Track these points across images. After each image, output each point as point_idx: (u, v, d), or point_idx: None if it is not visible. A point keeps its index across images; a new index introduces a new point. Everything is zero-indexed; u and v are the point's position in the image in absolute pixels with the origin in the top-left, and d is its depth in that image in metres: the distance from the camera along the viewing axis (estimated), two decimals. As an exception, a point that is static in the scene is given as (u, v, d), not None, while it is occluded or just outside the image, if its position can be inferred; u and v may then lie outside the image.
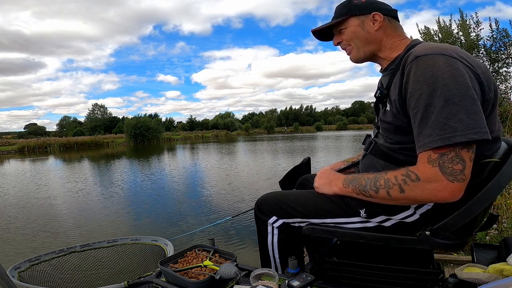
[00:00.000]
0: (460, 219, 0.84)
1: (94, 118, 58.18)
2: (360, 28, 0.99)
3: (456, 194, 0.75)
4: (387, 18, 0.99)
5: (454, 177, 0.73)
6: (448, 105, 0.72)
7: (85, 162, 15.51)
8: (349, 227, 1.02)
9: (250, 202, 5.02)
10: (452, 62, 0.75)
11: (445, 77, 0.73)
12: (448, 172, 0.73)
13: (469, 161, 0.73)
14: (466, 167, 0.73)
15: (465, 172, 0.73)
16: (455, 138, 0.71)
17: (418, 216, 0.91)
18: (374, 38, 0.99)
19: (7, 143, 30.36)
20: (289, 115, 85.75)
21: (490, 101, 0.80)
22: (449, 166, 0.73)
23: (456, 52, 0.78)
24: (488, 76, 0.80)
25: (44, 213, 5.11)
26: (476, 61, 0.80)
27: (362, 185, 0.90)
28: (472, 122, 0.71)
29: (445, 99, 0.72)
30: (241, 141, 31.31)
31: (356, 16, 0.99)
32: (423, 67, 0.77)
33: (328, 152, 13.89)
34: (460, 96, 0.72)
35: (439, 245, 0.91)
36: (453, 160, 0.73)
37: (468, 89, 0.73)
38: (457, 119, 0.71)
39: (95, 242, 1.57)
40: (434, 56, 0.76)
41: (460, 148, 0.73)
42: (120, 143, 34.68)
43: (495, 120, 0.84)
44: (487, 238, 1.99)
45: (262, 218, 1.15)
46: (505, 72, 6.67)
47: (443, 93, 0.73)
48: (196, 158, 14.49)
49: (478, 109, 0.73)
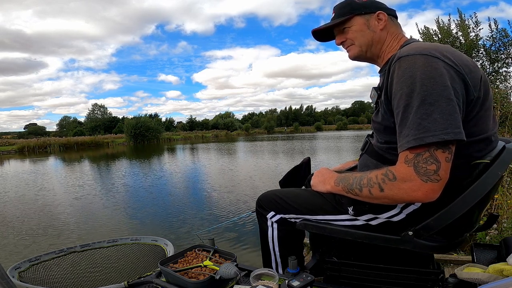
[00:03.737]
0: (442, 220, 0.84)
1: (94, 118, 58.08)
2: (366, 27, 0.99)
3: (430, 195, 0.74)
4: (390, 17, 1.00)
5: (428, 177, 0.73)
6: (423, 105, 0.72)
7: (85, 162, 15.51)
8: (338, 224, 1.05)
9: (251, 202, 5.02)
10: (431, 62, 0.75)
11: (423, 77, 0.74)
12: (422, 172, 0.73)
13: (445, 162, 0.73)
14: (440, 168, 0.72)
15: (439, 173, 0.72)
16: (427, 138, 0.71)
17: (404, 215, 0.92)
18: (378, 37, 0.99)
19: (7, 143, 30.35)
20: (289, 115, 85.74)
21: (478, 101, 0.79)
22: (423, 166, 0.73)
23: (440, 51, 0.78)
24: (475, 76, 0.80)
25: (44, 213, 5.11)
26: (463, 60, 0.80)
27: (350, 183, 0.91)
28: (445, 122, 0.71)
29: (421, 99, 0.73)
30: (241, 141, 31.31)
31: (361, 15, 0.99)
32: (404, 68, 0.78)
33: (328, 152, 13.89)
34: (436, 96, 0.72)
35: (422, 246, 0.90)
36: (427, 160, 0.73)
37: (445, 89, 0.72)
38: (431, 119, 0.72)
39: (95, 242, 1.57)
40: (415, 57, 0.77)
41: (435, 148, 0.72)
42: (120, 143, 34.67)
43: (486, 120, 0.83)
44: (487, 238, 1.99)
45: (262, 213, 1.21)
46: (505, 72, 6.67)
47: (420, 93, 0.73)
48: (196, 158, 14.49)
49: (454, 109, 0.72)
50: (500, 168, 0.81)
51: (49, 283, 1.35)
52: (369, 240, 0.99)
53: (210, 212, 4.76)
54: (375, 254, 1.13)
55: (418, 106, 0.73)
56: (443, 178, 0.73)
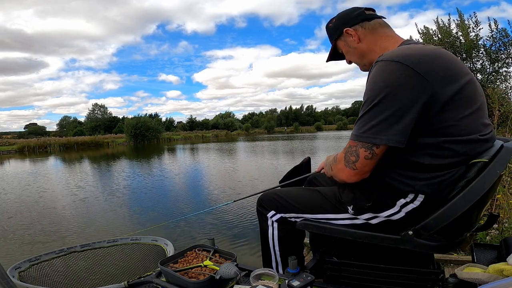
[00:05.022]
0: (441, 220, 0.85)
1: (94, 118, 58.04)
2: (348, 47, 1.07)
3: (350, 178, 0.90)
4: (360, 26, 1.02)
5: (348, 164, 0.89)
6: (371, 110, 0.83)
7: (85, 162, 15.51)
8: (338, 224, 1.06)
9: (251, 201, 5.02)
10: (396, 70, 0.80)
11: (381, 85, 0.82)
12: (346, 159, 0.89)
13: (363, 159, 0.85)
14: (358, 161, 0.86)
15: (356, 164, 0.87)
16: (359, 137, 0.85)
17: (403, 214, 0.93)
18: (361, 50, 1.04)
19: (7, 143, 30.34)
20: (289, 115, 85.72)
21: (453, 103, 0.81)
22: (348, 156, 0.89)
23: (415, 59, 0.80)
24: (454, 80, 0.81)
25: (45, 213, 5.11)
26: (443, 67, 0.82)
27: (329, 163, 1.04)
28: (371, 128, 0.82)
29: (373, 104, 0.82)
30: (241, 141, 31.32)
31: (338, 39, 1.08)
32: (373, 72, 0.86)
33: (328, 152, 13.88)
34: (384, 105, 0.80)
35: (422, 246, 0.91)
36: (352, 153, 0.87)
37: (393, 97, 0.79)
38: (370, 124, 0.83)
39: (95, 242, 1.58)
40: (386, 63, 0.83)
41: (361, 146, 0.85)
42: (120, 143, 34.68)
43: (472, 121, 0.84)
44: (487, 238, 1.99)
45: (263, 212, 1.22)
46: (505, 72, 6.66)
47: (371, 97, 0.83)
48: (196, 159, 14.49)
49: (397, 118, 0.79)
50: (499, 167, 0.81)
51: (49, 283, 1.35)
52: (369, 240, 0.99)
53: (210, 212, 4.76)
54: (375, 254, 1.13)
55: (367, 110, 0.84)
56: (359, 169, 0.87)
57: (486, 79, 6.65)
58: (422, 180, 0.87)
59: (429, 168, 0.85)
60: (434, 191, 0.87)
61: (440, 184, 0.86)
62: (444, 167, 0.84)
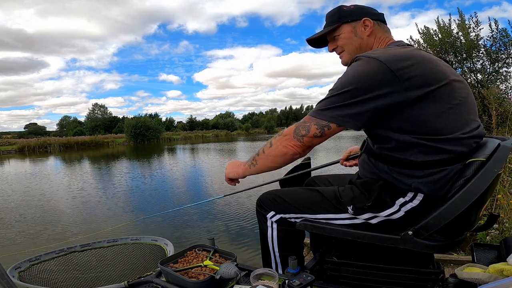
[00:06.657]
0: (441, 219, 0.85)
1: (94, 118, 58.00)
2: (353, 34, 1.06)
3: (292, 148, 0.94)
4: (377, 22, 1.04)
5: (297, 135, 0.93)
6: (335, 95, 0.88)
7: (85, 162, 15.52)
8: (338, 223, 1.06)
9: (250, 201, 5.02)
10: (368, 65, 0.85)
11: (354, 77, 0.86)
12: (296, 132, 0.93)
13: (312, 135, 0.91)
14: (306, 136, 0.91)
15: (304, 139, 0.92)
16: (316, 113, 0.90)
17: (403, 213, 0.93)
18: (366, 43, 1.05)
19: (7, 143, 30.37)
20: (289, 115, 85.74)
21: (424, 99, 0.83)
22: (300, 129, 0.93)
23: (388, 57, 0.84)
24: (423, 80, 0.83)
25: (45, 213, 5.11)
26: (412, 66, 0.83)
27: (253, 155, 1.05)
28: (329, 109, 0.88)
29: (337, 90, 0.87)
30: (241, 141, 31.31)
31: (348, 23, 1.06)
32: (351, 66, 0.90)
33: (328, 152, 13.87)
34: (347, 92, 0.85)
35: (422, 246, 0.90)
36: (305, 127, 0.92)
37: (360, 89, 0.84)
38: (328, 103, 0.88)
39: (95, 242, 1.57)
40: (364, 59, 0.87)
41: (314, 123, 0.90)
42: (120, 143, 34.71)
43: (450, 117, 0.85)
44: (487, 238, 1.99)
45: (262, 212, 1.21)
46: (505, 72, 6.66)
47: (340, 85, 0.87)
48: (196, 159, 14.49)
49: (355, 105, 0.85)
50: (496, 165, 0.81)
51: (49, 283, 1.35)
52: (369, 240, 0.99)
53: (210, 212, 4.76)
54: (375, 254, 1.14)
55: (332, 95, 0.88)
56: (305, 143, 0.92)
57: (486, 79, 6.64)
58: (418, 177, 0.88)
59: (422, 165, 0.87)
60: (432, 189, 0.88)
61: (437, 182, 0.87)
62: (437, 164, 0.86)
